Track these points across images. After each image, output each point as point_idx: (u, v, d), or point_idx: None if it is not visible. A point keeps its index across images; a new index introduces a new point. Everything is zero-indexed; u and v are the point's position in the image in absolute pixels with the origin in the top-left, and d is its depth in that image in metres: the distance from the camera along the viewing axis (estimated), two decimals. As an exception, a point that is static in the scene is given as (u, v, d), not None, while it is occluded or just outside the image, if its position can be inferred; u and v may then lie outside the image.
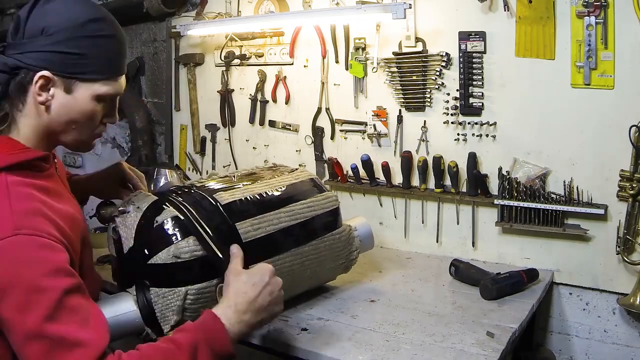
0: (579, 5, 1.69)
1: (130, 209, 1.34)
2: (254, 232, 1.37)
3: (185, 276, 1.26)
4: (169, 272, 1.25)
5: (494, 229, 1.95)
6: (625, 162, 1.70)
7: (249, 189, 1.46)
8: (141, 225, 1.30)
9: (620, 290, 1.76)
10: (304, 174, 1.62)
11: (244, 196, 1.42)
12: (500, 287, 1.65)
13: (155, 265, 1.25)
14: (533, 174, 1.85)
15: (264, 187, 1.49)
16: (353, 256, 1.63)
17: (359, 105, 2.19)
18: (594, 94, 1.73)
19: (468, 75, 1.93)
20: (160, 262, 1.24)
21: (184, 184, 1.51)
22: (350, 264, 1.65)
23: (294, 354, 1.37)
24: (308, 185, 1.57)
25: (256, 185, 1.49)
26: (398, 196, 2.14)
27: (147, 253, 1.26)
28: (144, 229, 1.30)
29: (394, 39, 2.05)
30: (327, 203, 1.55)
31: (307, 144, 2.35)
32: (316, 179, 1.62)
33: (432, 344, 1.37)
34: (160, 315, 1.25)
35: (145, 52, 2.93)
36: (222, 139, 2.63)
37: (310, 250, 1.48)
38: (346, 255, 1.61)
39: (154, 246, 1.26)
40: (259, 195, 1.45)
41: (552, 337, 1.93)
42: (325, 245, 1.52)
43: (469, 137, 1.97)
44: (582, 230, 1.79)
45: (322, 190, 1.58)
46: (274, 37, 2.37)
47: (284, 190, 1.50)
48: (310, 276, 1.54)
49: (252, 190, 1.46)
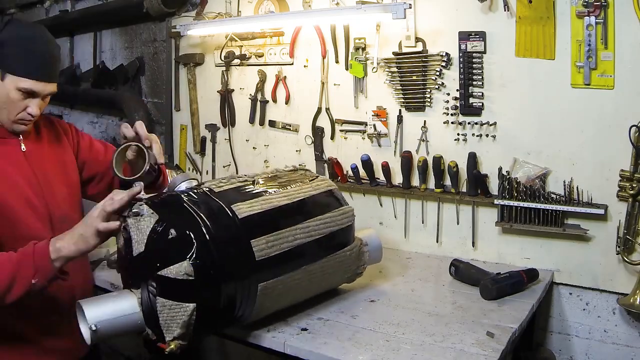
0: (579, 5, 1.69)
1: (145, 211, 1.28)
2: (268, 250, 1.34)
3: (195, 293, 1.23)
4: (179, 287, 1.22)
5: (494, 229, 1.95)
6: (625, 162, 1.70)
7: (268, 201, 1.41)
8: (155, 233, 1.26)
9: (620, 290, 1.76)
10: (324, 184, 1.58)
11: (262, 210, 1.38)
12: (500, 287, 1.65)
13: (166, 277, 1.21)
14: (533, 174, 1.85)
15: (282, 198, 1.44)
16: (360, 270, 1.62)
17: (359, 105, 2.19)
18: (594, 94, 1.73)
19: (468, 75, 1.93)
20: (171, 276, 1.21)
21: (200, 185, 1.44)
22: (356, 277, 1.64)
23: (294, 354, 1.37)
24: (326, 198, 1.54)
25: (275, 195, 1.44)
26: (398, 196, 2.14)
27: (158, 264, 1.22)
28: (157, 237, 1.25)
29: (394, 39, 2.05)
30: (344, 219, 1.53)
31: (307, 144, 2.35)
32: (335, 191, 1.58)
33: (432, 344, 1.37)
34: (163, 324, 1.23)
35: (145, 52, 2.94)
36: (222, 139, 2.63)
37: (320, 266, 1.47)
38: (354, 270, 1.60)
39: (166, 258, 1.23)
40: (278, 209, 1.40)
41: (552, 337, 1.93)
42: (336, 261, 1.51)
43: (469, 137, 1.97)
44: (582, 230, 1.79)
45: (340, 204, 1.55)
46: (274, 37, 2.37)
47: (302, 203, 1.46)
48: (317, 288, 1.54)
49: (271, 202, 1.41)
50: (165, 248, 1.24)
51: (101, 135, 3.30)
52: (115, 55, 3.12)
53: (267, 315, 1.50)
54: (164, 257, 1.23)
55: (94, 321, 1.21)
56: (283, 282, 1.38)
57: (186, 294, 1.22)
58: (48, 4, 3.44)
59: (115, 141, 3.22)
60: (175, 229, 1.25)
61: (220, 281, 1.26)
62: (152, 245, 1.25)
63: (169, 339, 1.24)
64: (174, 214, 1.29)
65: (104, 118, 3.28)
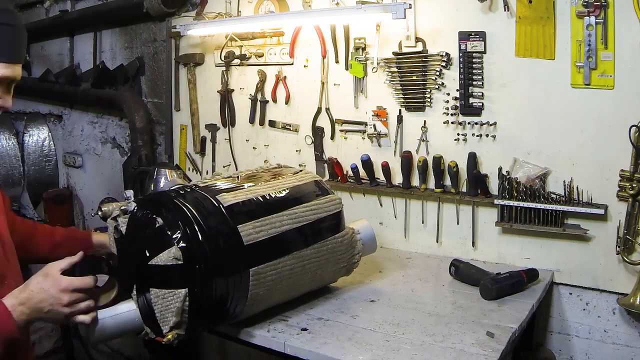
0: (579, 5, 1.69)
1: (132, 207, 1.33)
2: (255, 235, 1.37)
3: (186, 278, 1.25)
4: (170, 274, 1.25)
5: (494, 229, 1.95)
6: (625, 162, 1.70)
7: (252, 191, 1.45)
8: (142, 225, 1.30)
9: (620, 290, 1.76)
10: (308, 175, 1.62)
11: (247, 198, 1.42)
12: (500, 287, 1.65)
13: (156, 266, 1.24)
14: (533, 174, 1.85)
15: (267, 189, 1.48)
16: (355, 259, 1.63)
17: (359, 105, 2.19)
18: (594, 94, 1.73)
19: (468, 75, 1.93)
20: (161, 264, 1.24)
21: (186, 184, 1.51)
22: (352, 267, 1.65)
23: (294, 354, 1.37)
24: (312, 187, 1.57)
25: (259, 187, 1.49)
26: (398, 196, 2.14)
27: (147, 254, 1.26)
28: (145, 229, 1.29)
29: (394, 39, 2.05)
30: (331, 206, 1.55)
31: (307, 144, 2.35)
32: (320, 181, 1.62)
33: (432, 344, 1.37)
34: (159, 316, 1.25)
35: (145, 52, 2.94)
36: (222, 139, 2.63)
37: (312, 253, 1.48)
38: (348, 259, 1.61)
39: (154, 247, 1.26)
40: (262, 197, 1.44)
41: (552, 337, 1.93)
42: (327, 248, 1.52)
43: (469, 137, 1.97)
44: (582, 230, 1.79)
45: (326, 193, 1.58)
46: (274, 37, 2.37)
47: (288, 193, 1.49)
48: (311, 279, 1.54)
49: (256, 192, 1.45)
50: (153, 238, 1.27)
51: (101, 135, 3.30)
52: (115, 55, 3.12)
53: (267, 315, 1.50)
54: (153, 246, 1.26)
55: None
56: (275, 268, 1.39)
57: (177, 279, 1.25)
58: (48, 4, 3.44)
59: (115, 141, 3.23)
60: (162, 218, 1.28)
61: (210, 265, 1.28)
62: (140, 237, 1.29)
63: (165, 330, 1.25)
64: (159, 206, 1.33)
65: (104, 118, 3.28)
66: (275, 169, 1.69)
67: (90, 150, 3.39)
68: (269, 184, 1.51)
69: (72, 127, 3.50)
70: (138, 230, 1.31)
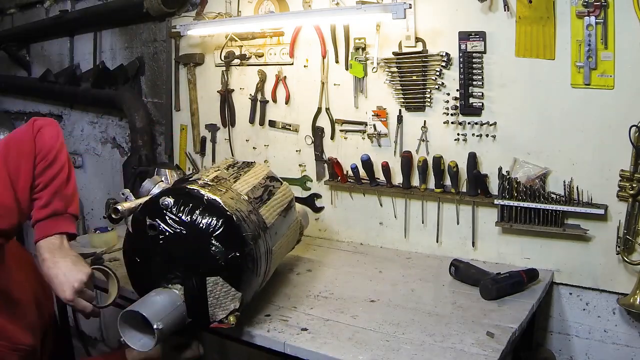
0: (579, 5, 1.69)
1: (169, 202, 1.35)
2: (270, 219, 1.55)
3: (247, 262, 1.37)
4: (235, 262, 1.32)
5: (494, 229, 1.95)
6: (625, 162, 1.70)
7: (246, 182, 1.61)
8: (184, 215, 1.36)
9: (620, 290, 1.76)
10: (261, 167, 1.79)
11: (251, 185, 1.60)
12: (500, 287, 1.65)
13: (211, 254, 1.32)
14: (533, 174, 1.85)
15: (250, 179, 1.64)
16: (300, 237, 1.93)
17: (359, 105, 2.19)
18: (594, 94, 1.73)
19: (468, 75, 1.93)
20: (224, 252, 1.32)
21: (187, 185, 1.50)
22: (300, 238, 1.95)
23: (294, 354, 1.38)
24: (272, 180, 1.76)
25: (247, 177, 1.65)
26: (398, 196, 2.14)
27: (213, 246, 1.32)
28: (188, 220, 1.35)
29: (394, 39, 2.05)
30: (290, 192, 1.80)
31: (307, 144, 2.35)
32: (271, 172, 1.79)
33: (432, 344, 1.37)
34: (215, 302, 1.33)
35: (145, 52, 2.94)
36: (222, 139, 2.63)
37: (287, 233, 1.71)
38: (298, 236, 1.91)
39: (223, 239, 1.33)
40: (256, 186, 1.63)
41: (552, 337, 1.93)
42: (293, 227, 1.78)
43: (469, 137, 1.97)
44: (582, 230, 1.79)
45: (281, 182, 1.79)
46: (274, 37, 2.37)
47: (265, 183, 1.68)
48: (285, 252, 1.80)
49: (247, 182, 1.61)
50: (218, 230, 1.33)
51: (101, 135, 3.30)
52: (115, 55, 3.11)
53: (267, 315, 1.51)
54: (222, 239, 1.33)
55: (156, 320, 1.25)
56: (280, 246, 1.63)
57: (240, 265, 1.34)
58: (48, 4, 3.44)
59: (115, 141, 3.23)
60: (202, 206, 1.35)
61: (257, 247, 1.40)
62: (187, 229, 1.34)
63: (222, 315, 1.33)
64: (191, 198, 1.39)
65: (104, 118, 3.28)
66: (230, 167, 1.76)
67: (90, 150, 3.39)
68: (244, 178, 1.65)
69: (72, 127, 3.49)
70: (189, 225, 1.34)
